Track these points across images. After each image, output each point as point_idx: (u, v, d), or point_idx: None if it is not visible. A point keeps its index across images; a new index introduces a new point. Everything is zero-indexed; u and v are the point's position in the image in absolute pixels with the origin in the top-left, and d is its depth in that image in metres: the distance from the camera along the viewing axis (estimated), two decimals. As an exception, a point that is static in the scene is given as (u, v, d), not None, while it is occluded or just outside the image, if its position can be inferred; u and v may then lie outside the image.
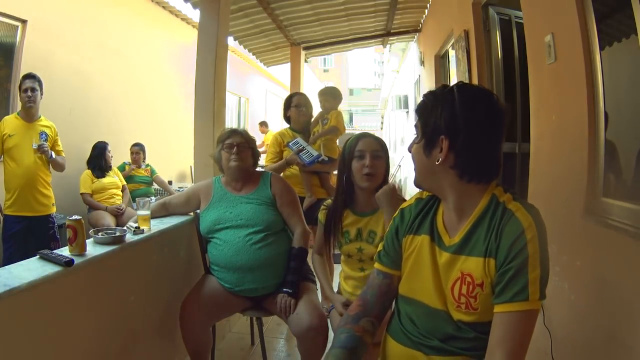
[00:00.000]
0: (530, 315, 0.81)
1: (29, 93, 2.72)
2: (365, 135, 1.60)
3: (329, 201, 1.71)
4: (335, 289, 1.74)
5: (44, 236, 2.85)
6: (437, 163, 0.92)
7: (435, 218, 1.00)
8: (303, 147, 2.53)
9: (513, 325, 0.81)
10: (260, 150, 2.05)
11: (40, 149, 2.74)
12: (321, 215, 1.70)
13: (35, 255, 1.30)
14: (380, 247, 1.10)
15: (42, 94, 2.81)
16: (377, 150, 1.54)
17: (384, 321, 1.08)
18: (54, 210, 2.94)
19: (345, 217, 1.62)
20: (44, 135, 2.82)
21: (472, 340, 0.90)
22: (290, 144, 2.58)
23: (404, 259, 1.03)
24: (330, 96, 2.79)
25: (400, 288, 1.04)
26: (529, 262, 0.81)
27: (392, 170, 5.24)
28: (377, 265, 1.09)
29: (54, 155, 2.83)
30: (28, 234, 2.77)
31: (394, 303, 1.08)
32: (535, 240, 0.82)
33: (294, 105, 2.70)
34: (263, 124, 7.96)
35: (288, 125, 2.78)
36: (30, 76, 2.76)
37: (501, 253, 0.85)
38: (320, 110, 2.83)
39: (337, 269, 2.77)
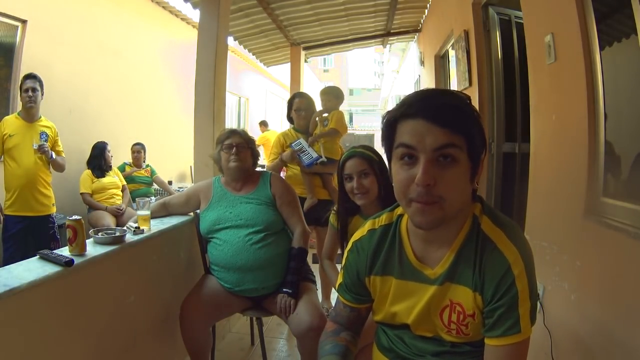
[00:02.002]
0: (524, 343, 0.79)
1: (30, 93, 2.72)
2: (352, 155, 1.59)
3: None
4: None
5: (44, 236, 2.85)
6: (476, 187, 0.82)
7: (404, 253, 0.90)
8: (304, 148, 2.54)
9: (508, 358, 0.78)
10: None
11: (40, 149, 2.74)
12: (333, 219, 1.74)
13: (35, 255, 1.30)
14: (340, 279, 1.02)
15: (42, 94, 2.81)
16: (364, 169, 1.56)
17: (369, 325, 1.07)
18: (54, 210, 2.94)
19: (355, 222, 1.66)
20: (44, 136, 2.82)
21: (467, 353, 0.88)
22: (292, 144, 2.58)
23: (378, 300, 0.96)
24: (333, 96, 2.77)
25: (380, 318, 0.98)
26: (519, 298, 0.77)
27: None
28: (341, 299, 1.02)
29: (54, 156, 2.83)
30: (28, 234, 2.77)
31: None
32: (523, 275, 0.78)
33: (294, 109, 2.71)
34: (262, 124, 7.95)
35: (291, 126, 2.78)
36: (31, 76, 2.76)
37: (487, 291, 0.80)
38: (321, 109, 2.81)
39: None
